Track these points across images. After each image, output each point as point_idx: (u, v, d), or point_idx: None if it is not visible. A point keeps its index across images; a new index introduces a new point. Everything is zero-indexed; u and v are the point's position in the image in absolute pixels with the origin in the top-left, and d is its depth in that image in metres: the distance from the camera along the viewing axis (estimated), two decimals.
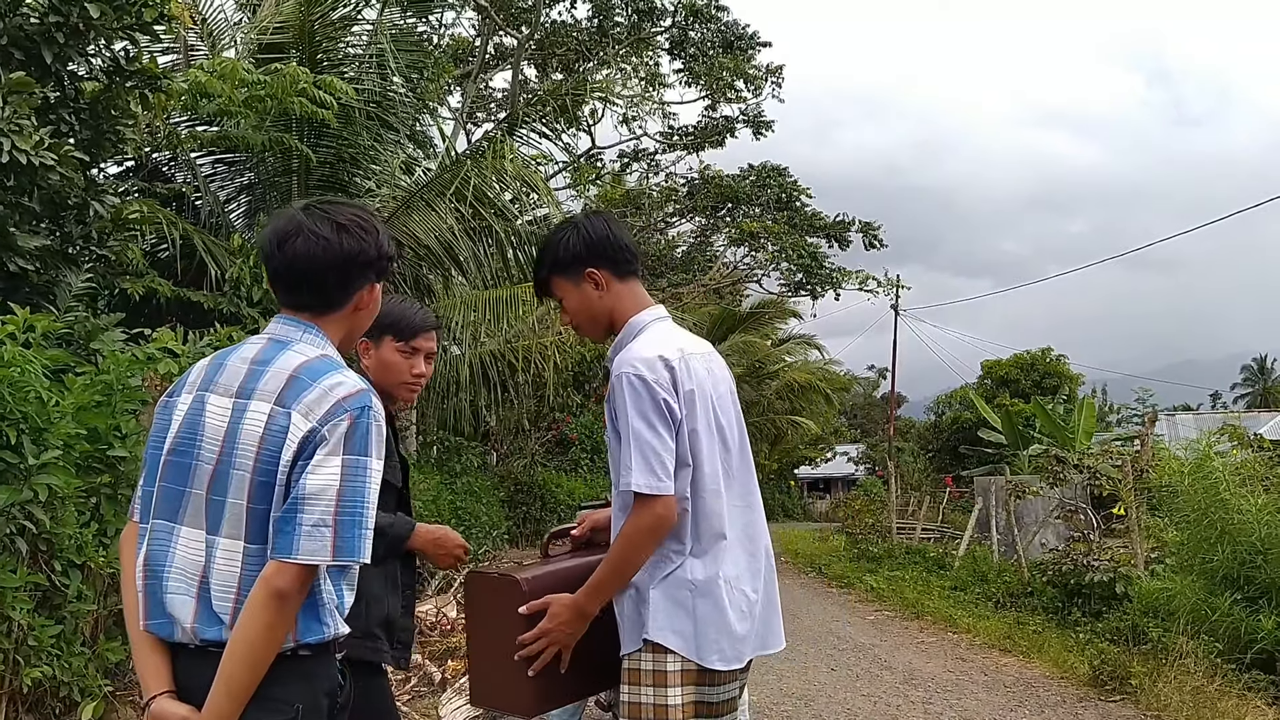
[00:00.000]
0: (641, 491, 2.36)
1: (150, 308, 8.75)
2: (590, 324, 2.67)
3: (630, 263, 2.64)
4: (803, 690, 6.99)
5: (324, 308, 2.08)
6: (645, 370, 2.44)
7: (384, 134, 10.72)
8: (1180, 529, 8.04)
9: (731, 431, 2.61)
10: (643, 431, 2.40)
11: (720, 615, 2.46)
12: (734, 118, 19.71)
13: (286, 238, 2.03)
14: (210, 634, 1.90)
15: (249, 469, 1.91)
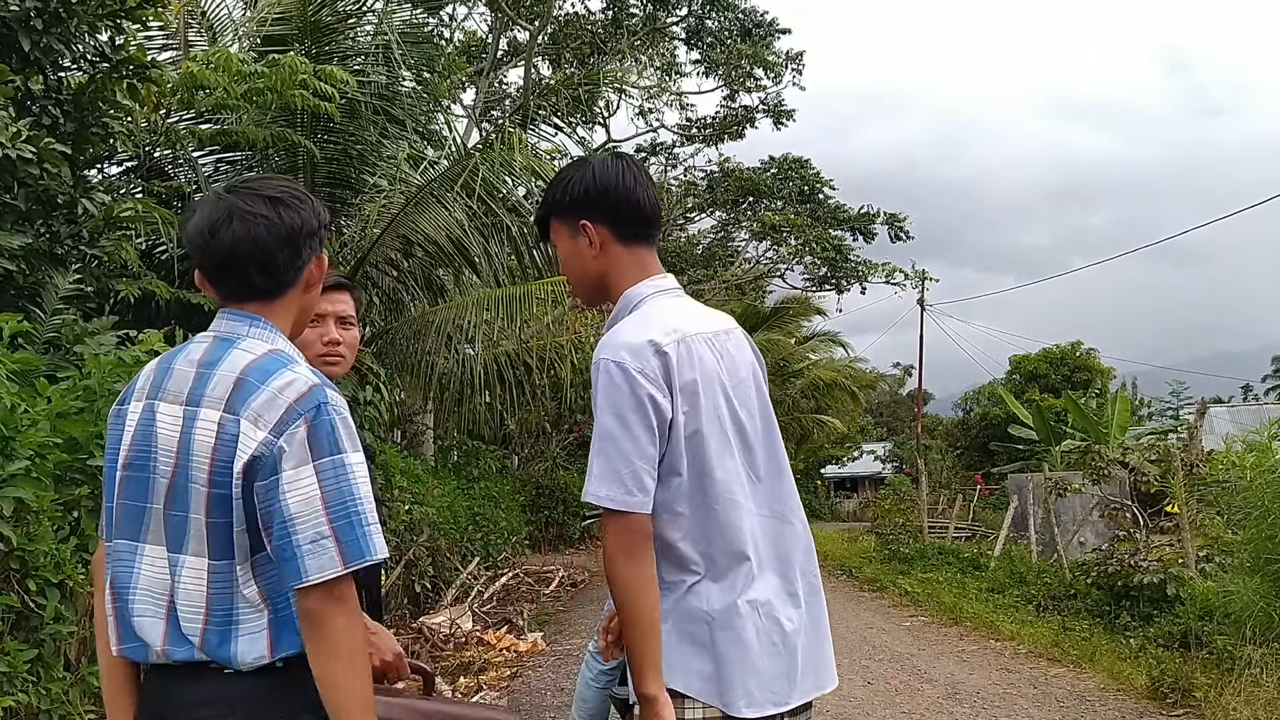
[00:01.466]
0: (605, 506, 1.97)
1: (148, 311, 8.40)
2: (579, 283, 2.28)
3: (638, 226, 2.20)
4: (837, 708, 6.54)
5: (274, 292, 1.91)
6: (628, 358, 2.02)
7: (391, 129, 10.34)
8: (1242, 527, 7.53)
9: (754, 426, 2.16)
10: (613, 432, 1.99)
11: (744, 650, 2.03)
12: (753, 107, 19.25)
13: (219, 225, 1.84)
14: (181, 655, 1.78)
15: (204, 482, 1.77)
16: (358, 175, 10.32)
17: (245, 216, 1.84)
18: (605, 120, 17.89)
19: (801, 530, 2.20)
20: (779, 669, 2.06)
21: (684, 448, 2.03)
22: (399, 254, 10.53)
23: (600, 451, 2.00)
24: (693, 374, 2.06)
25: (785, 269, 21.62)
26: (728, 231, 21.22)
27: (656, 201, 2.26)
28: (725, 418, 2.10)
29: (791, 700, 2.09)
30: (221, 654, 1.78)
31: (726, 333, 2.22)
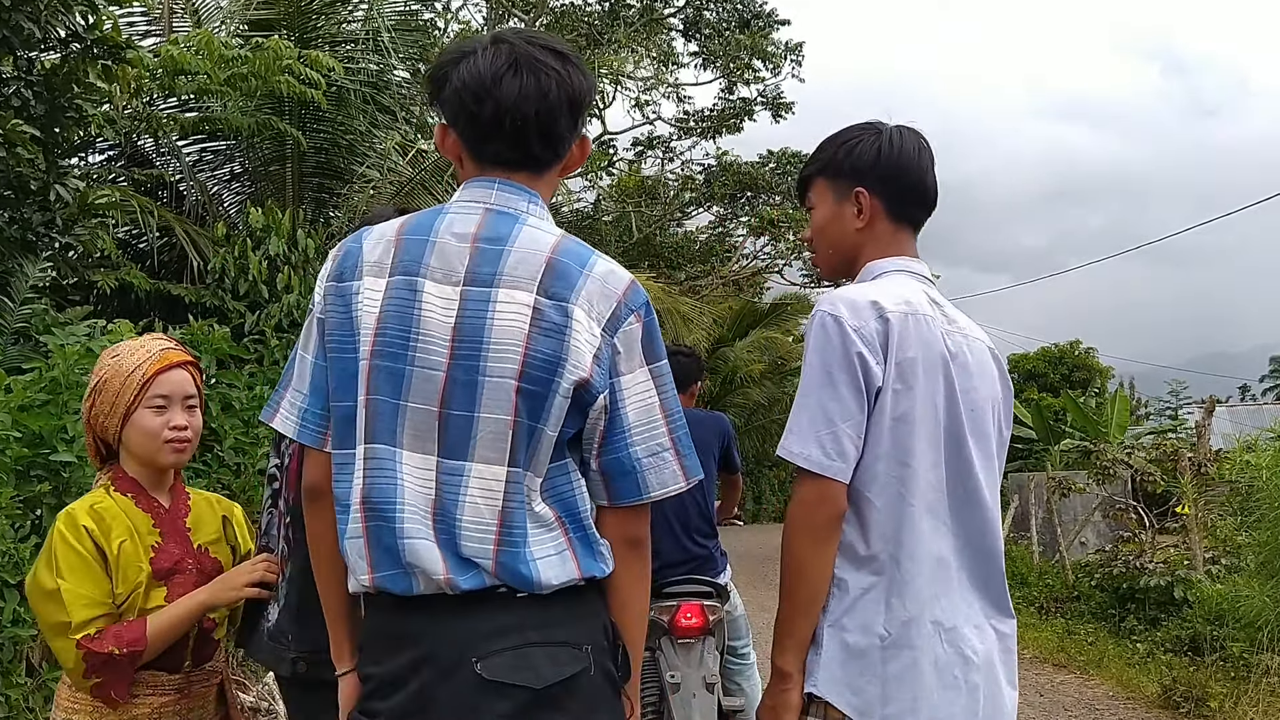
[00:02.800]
0: (798, 465, 1.78)
1: (126, 302, 8.16)
2: (827, 252, 2.08)
3: (914, 207, 2.03)
4: None
5: (546, 162, 1.70)
6: (846, 312, 1.82)
7: (381, 118, 10.09)
8: (1255, 529, 7.29)
9: (978, 445, 1.91)
10: (818, 389, 1.79)
11: (918, 681, 1.78)
12: (752, 99, 18.99)
13: (502, 73, 1.61)
14: (470, 583, 1.55)
15: (512, 375, 1.54)
16: (346, 165, 10.07)
17: (537, 68, 1.62)
18: (601, 112, 17.65)
19: (995, 570, 1.96)
20: (957, 707, 1.82)
21: (888, 428, 1.81)
22: None
23: (800, 408, 1.81)
24: (915, 352, 1.84)
25: (783, 265, 21.37)
26: (725, 226, 20.96)
27: (938, 187, 2.08)
28: (942, 413, 1.87)
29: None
30: (519, 577, 1.57)
31: (968, 336, 1.99)
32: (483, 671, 1.54)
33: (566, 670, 1.57)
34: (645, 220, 17.62)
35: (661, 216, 18.86)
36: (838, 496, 1.78)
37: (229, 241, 8.18)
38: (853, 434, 1.78)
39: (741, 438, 33.67)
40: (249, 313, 7.92)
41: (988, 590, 1.94)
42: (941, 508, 1.86)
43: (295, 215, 8.49)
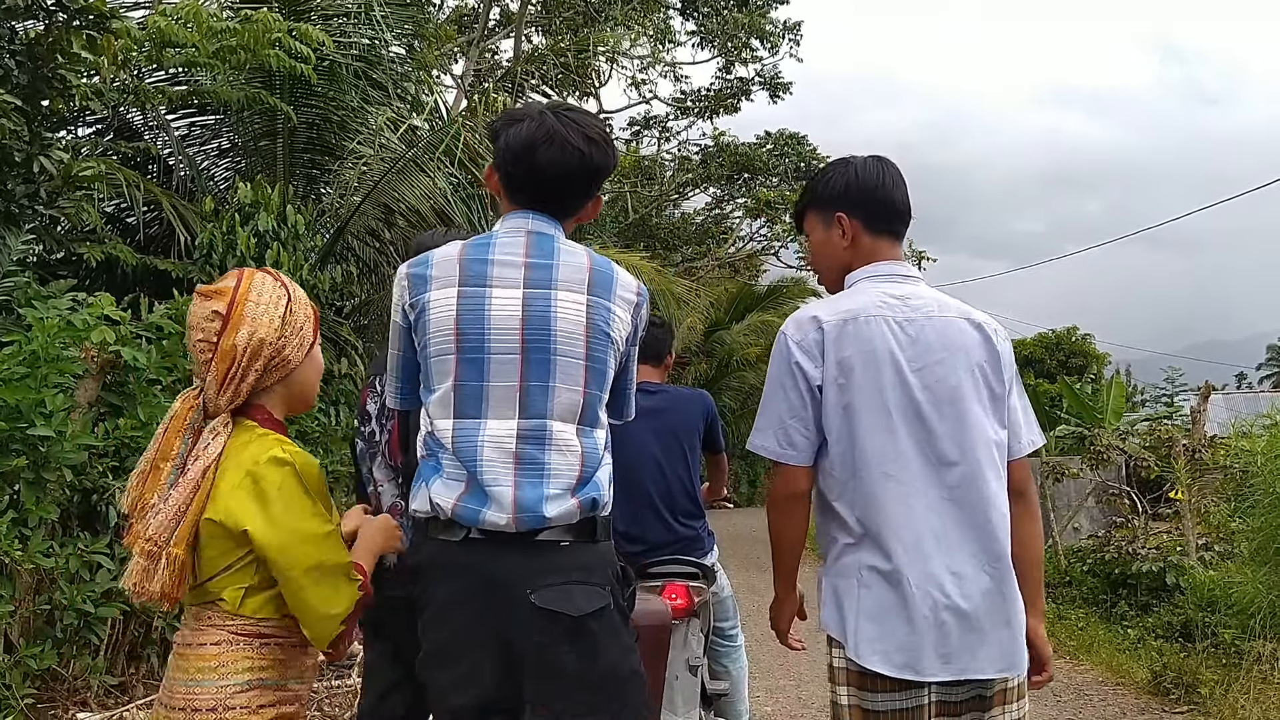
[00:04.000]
0: (763, 455, 2.29)
1: (112, 276, 8.07)
2: (825, 270, 2.53)
3: (890, 221, 2.43)
4: (823, 700, 6.22)
5: (564, 215, 2.23)
6: (792, 329, 2.33)
7: (373, 93, 9.97)
8: (1249, 515, 7.23)
9: (939, 411, 2.26)
10: (771, 392, 2.31)
11: (885, 612, 2.19)
12: (749, 79, 18.82)
13: (537, 145, 2.14)
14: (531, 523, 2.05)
15: (580, 356, 2.10)
16: (338, 141, 9.96)
17: (564, 146, 2.14)
18: (596, 90, 17.50)
19: (978, 516, 2.24)
20: (924, 640, 2.16)
21: (836, 418, 2.24)
22: (380, 223, 10.18)
23: (761, 409, 2.31)
24: (851, 351, 2.24)
25: (779, 247, 21.24)
26: (721, 207, 20.81)
27: (908, 200, 2.47)
28: (890, 395, 2.23)
29: (933, 673, 2.16)
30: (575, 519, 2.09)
31: (933, 316, 2.32)
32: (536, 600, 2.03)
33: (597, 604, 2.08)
34: (641, 201, 17.48)
35: (658, 197, 18.72)
36: (796, 477, 2.28)
37: (217, 217, 8.08)
38: (800, 427, 2.26)
39: (737, 421, 33.56)
40: None
41: (976, 538, 2.23)
42: (905, 472, 2.21)
43: (285, 191, 8.38)
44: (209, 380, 2.10)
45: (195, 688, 2.00)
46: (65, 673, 5.00)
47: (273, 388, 2.16)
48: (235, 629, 2.04)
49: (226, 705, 2.00)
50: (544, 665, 2.04)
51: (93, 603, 4.87)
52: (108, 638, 5.27)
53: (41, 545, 4.64)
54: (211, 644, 2.03)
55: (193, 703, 1.99)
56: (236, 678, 2.02)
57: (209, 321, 2.10)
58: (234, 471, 2.04)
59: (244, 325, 2.08)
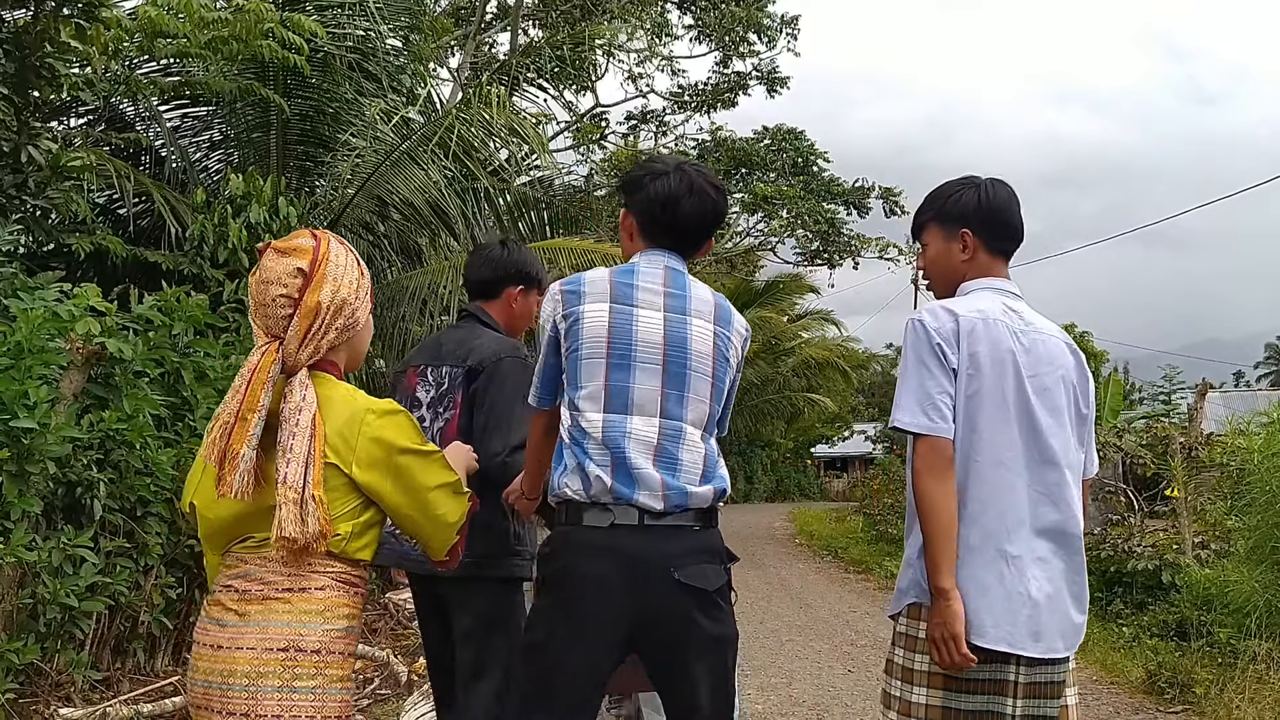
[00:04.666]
0: (909, 430, 2.40)
1: (103, 267, 8.01)
2: (940, 280, 2.70)
3: (1007, 242, 2.65)
4: (815, 698, 6.21)
5: (690, 253, 2.58)
6: (928, 317, 2.47)
7: (367, 85, 9.90)
8: (1245, 513, 7.18)
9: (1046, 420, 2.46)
10: (915, 371, 2.44)
11: (982, 589, 2.35)
12: (747, 73, 18.71)
13: (679, 197, 2.49)
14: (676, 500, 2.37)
15: (708, 374, 2.44)
16: (331, 133, 9.89)
17: (702, 195, 2.51)
18: (593, 84, 17.38)
19: (1069, 517, 2.45)
20: (1014, 617, 2.34)
21: (960, 404, 2.40)
22: (374, 216, 10.12)
23: (904, 388, 2.43)
24: (981, 347, 2.42)
25: (777, 242, 21.15)
26: None
27: (1024, 224, 2.69)
28: (1010, 393, 2.42)
29: (1025, 648, 2.34)
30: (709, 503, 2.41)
31: (1042, 333, 2.54)
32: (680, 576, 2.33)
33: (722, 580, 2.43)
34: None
35: None
36: (945, 447, 2.37)
37: (209, 208, 8.01)
38: (947, 401, 2.39)
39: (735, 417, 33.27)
40: (228, 281, 7.76)
41: (1063, 532, 2.43)
42: (1015, 463, 2.40)
43: (277, 183, 8.31)
44: (290, 335, 2.17)
45: (302, 629, 2.09)
46: (48, 668, 4.95)
47: (340, 346, 2.28)
48: (336, 575, 2.16)
49: (329, 649, 2.11)
50: (686, 630, 2.35)
51: (76, 597, 4.81)
52: (92, 632, 5.22)
53: (24, 539, 4.57)
54: (317, 589, 2.13)
55: (298, 643, 2.08)
56: (338, 622, 2.14)
57: (292, 277, 2.17)
58: (340, 417, 2.16)
59: (327, 283, 2.19)
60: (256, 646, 2.06)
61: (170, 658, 5.85)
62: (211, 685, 2.08)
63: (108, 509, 5.17)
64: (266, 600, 2.11)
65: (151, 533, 5.39)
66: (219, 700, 2.07)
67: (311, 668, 2.08)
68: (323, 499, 2.08)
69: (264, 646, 2.07)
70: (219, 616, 2.13)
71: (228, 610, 2.12)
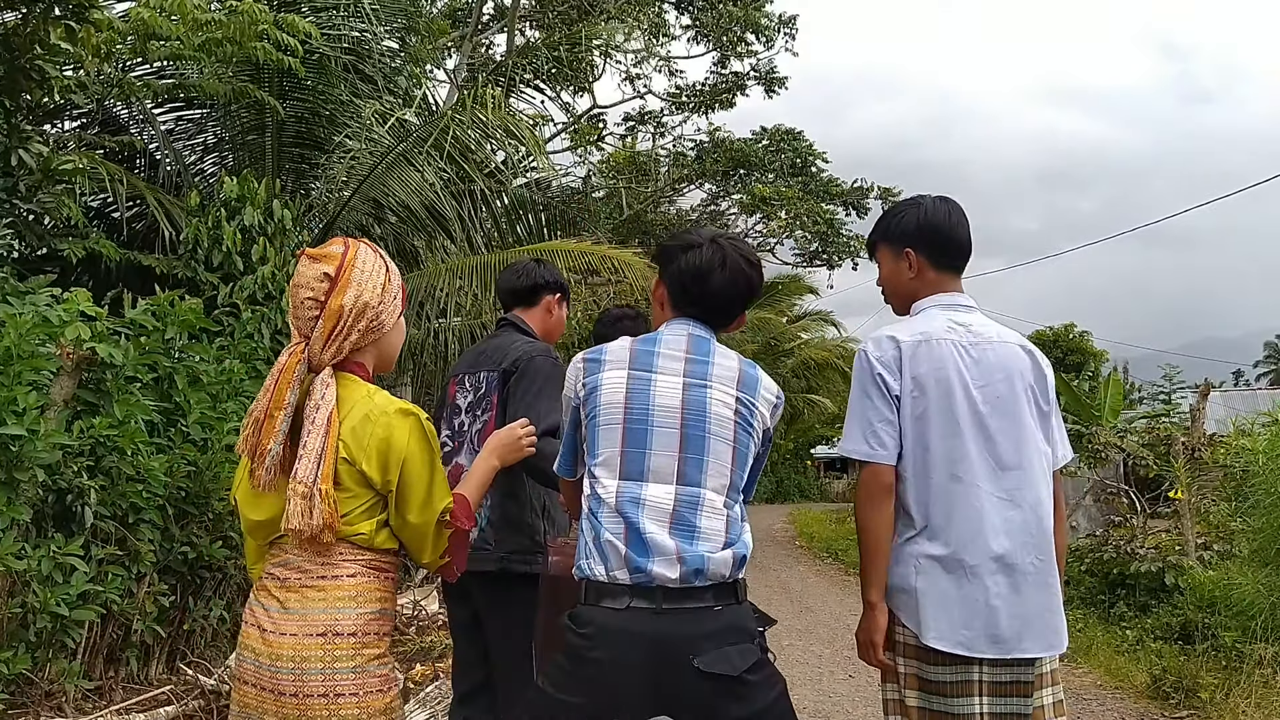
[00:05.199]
0: (852, 457, 2.58)
1: (96, 272, 7.95)
2: (894, 297, 2.84)
3: (953, 258, 2.75)
4: (816, 704, 6.14)
5: (720, 326, 2.51)
6: (871, 346, 2.63)
7: (362, 86, 9.84)
8: (1249, 514, 7.11)
9: (999, 423, 2.57)
10: (858, 400, 2.61)
11: (941, 595, 2.49)
12: (744, 74, 18.62)
13: (711, 271, 2.44)
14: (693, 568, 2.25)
15: (729, 440, 2.35)
16: (327, 135, 9.83)
17: (733, 272, 2.45)
18: (590, 85, 17.31)
19: (1031, 516, 2.55)
20: (976, 621, 2.46)
21: (910, 425, 2.55)
22: (369, 218, 10.05)
23: (850, 417, 2.62)
24: (925, 368, 2.56)
25: (775, 243, 21.07)
26: (717, 204, 20.64)
27: (970, 239, 2.79)
28: (959, 407, 2.54)
29: (983, 650, 2.47)
30: (729, 569, 2.29)
31: (991, 342, 2.65)
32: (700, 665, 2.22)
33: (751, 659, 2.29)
34: (636, 197, 17.32)
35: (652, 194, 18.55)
36: (884, 474, 2.54)
37: (203, 211, 7.95)
38: (888, 429, 2.55)
39: None
40: (222, 285, 7.70)
41: (1028, 534, 2.52)
42: (970, 474, 2.51)
43: (272, 185, 8.25)
44: (315, 336, 2.32)
45: (338, 614, 2.25)
46: (39, 678, 4.88)
47: (367, 348, 2.40)
48: (366, 563, 2.31)
49: (364, 630, 2.26)
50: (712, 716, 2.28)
51: (67, 605, 4.75)
52: (84, 641, 5.15)
53: (13, 547, 4.51)
54: (348, 575, 2.29)
55: (334, 627, 2.24)
56: (371, 606, 2.29)
57: (319, 282, 2.32)
58: (357, 415, 2.29)
59: (351, 288, 2.33)
60: (298, 633, 2.23)
61: (164, 665, 5.78)
62: (261, 666, 2.25)
63: (99, 516, 5.10)
64: (304, 588, 2.28)
65: (144, 540, 5.32)
66: (269, 680, 2.24)
67: (350, 649, 2.24)
68: (330, 493, 2.22)
69: (305, 633, 2.23)
70: (265, 601, 2.31)
71: (272, 597, 2.30)
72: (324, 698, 2.22)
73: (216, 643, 6.14)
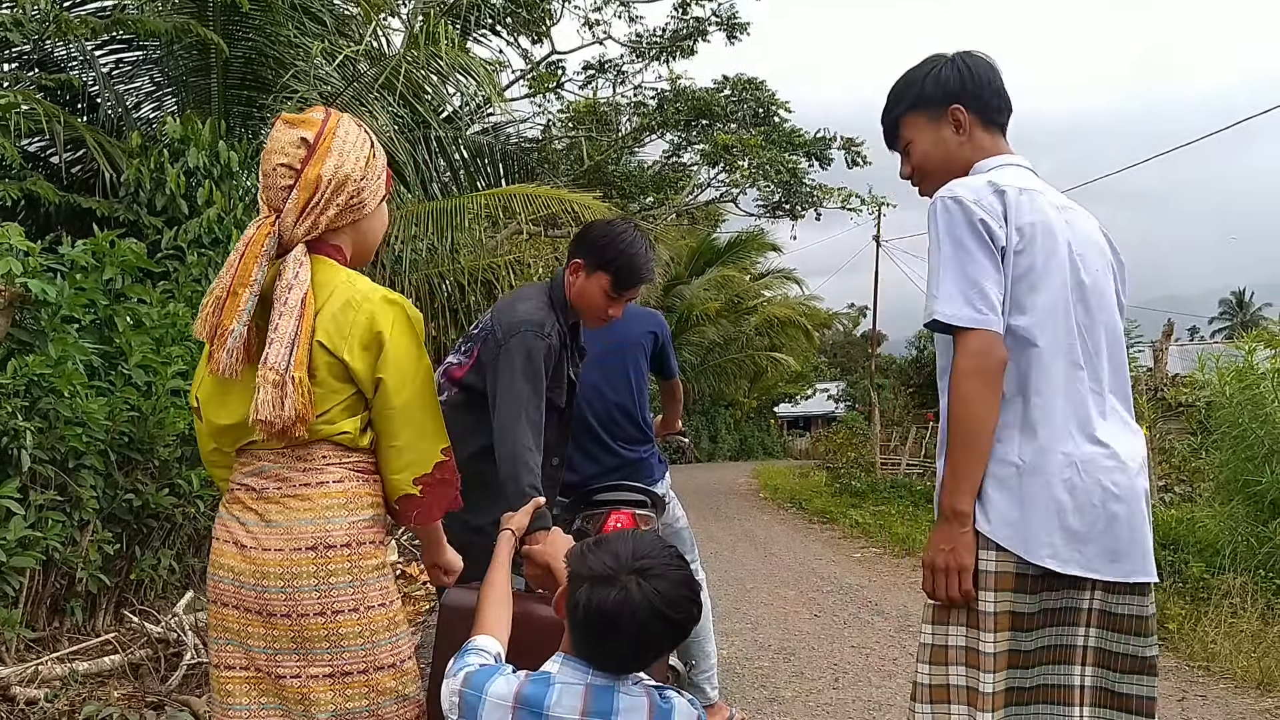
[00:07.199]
0: (952, 324, 1.99)
1: (34, 215, 7.65)
2: (939, 173, 2.28)
3: (1002, 112, 2.30)
4: (781, 642, 6.07)
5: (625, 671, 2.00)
6: (963, 192, 2.07)
7: (310, 25, 9.51)
8: (1216, 449, 7.09)
9: (1099, 300, 2.13)
10: (955, 256, 2.02)
11: (1053, 502, 1.98)
12: (706, 19, 18.35)
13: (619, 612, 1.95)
14: None
15: None
16: (274, 77, 9.51)
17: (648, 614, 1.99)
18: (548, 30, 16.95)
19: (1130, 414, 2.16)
20: (1092, 531, 2.00)
21: (1014, 284, 2.04)
22: None
23: (942, 274, 2.01)
24: (1033, 218, 2.06)
25: (738, 193, 20.89)
26: (679, 155, 20.41)
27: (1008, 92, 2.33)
28: (1066, 270, 2.07)
29: (1102, 572, 2.01)
30: None
31: (1077, 211, 2.22)
32: None
33: None
34: (597, 148, 17.05)
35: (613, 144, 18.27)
36: (997, 344, 1.98)
37: (145, 153, 7.66)
38: (997, 289, 2.00)
39: (698, 377, 33.54)
40: (166, 228, 7.43)
41: (1129, 434, 2.11)
42: (1082, 355, 2.06)
43: (216, 126, 7.96)
44: (288, 208, 2.08)
45: (328, 524, 2.04)
46: None
47: (344, 229, 2.16)
48: (353, 465, 2.10)
49: (358, 540, 2.06)
50: None
51: (5, 551, 4.55)
52: (26, 590, 4.96)
53: None
54: (334, 481, 2.07)
55: (325, 539, 2.03)
56: (364, 512, 2.09)
57: (295, 148, 2.08)
58: (337, 300, 2.06)
59: (331, 157, 2.08)
60: (284, 548, 2.03)
61: (112, 617, 5.61)
62: (244, 586, 2.04)
63: (37, 460, 4.89)
64: (286, 498, 2.06)
65: (85, 486, 5.12)
66: (254, 600, 2.03)
67: (345, 561, 2.04)
68: (304, 381, 1.99)
69: (291, 547, 2.03)
70: (241, 515, 2.09)
71: (249, 510, 2.08)
72: (320, 616, 2.02)
73: (166, 594, 5.96)
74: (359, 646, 2.05)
